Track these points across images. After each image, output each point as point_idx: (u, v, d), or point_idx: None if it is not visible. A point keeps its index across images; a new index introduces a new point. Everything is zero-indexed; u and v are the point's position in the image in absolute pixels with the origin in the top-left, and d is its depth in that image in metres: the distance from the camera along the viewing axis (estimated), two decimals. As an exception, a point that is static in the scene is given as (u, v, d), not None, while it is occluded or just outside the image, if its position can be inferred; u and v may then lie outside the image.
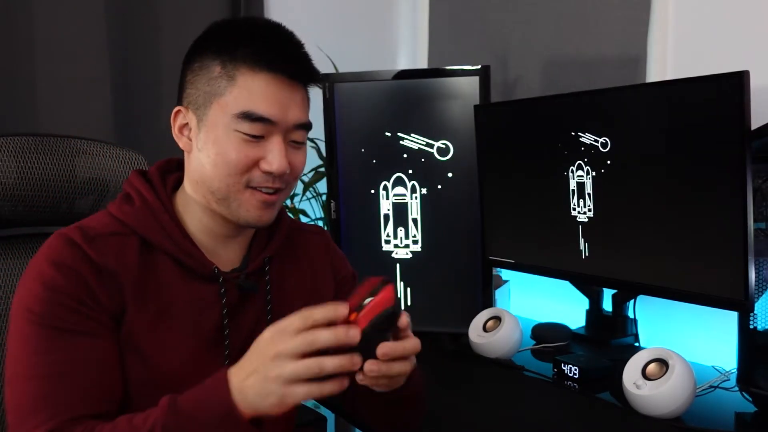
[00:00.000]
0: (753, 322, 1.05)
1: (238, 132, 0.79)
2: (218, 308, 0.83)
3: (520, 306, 1.75)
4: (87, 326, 0.75)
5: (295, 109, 0.82)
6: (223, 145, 0.79)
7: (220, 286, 0.83)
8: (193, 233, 0.85)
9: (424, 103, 1.47)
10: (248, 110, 0.78)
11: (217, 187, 0.81)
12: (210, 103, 0.80)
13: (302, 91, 0.84)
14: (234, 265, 0.87)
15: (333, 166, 1.53)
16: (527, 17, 1.77)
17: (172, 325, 0.80)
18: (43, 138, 1.07)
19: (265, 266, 0.88)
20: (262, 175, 0.80)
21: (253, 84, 0.79)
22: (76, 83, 1.53)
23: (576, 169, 1.29)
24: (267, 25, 0.84)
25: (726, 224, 1.03)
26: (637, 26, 1.51)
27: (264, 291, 0.88)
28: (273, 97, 0.79)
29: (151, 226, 0.81)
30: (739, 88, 0.99)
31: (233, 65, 0.79)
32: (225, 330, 0.83)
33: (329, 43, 1.94)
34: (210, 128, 0.80)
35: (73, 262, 0.75)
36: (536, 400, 1.13)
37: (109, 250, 0.78)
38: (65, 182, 1.08)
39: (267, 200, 0.82)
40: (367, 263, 1.52)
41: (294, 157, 0.84)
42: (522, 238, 1.43)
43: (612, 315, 1.38)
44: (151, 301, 0.79)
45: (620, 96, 1.22)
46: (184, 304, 0.81)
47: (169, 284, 0.81)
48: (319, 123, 1.54)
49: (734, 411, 1.06)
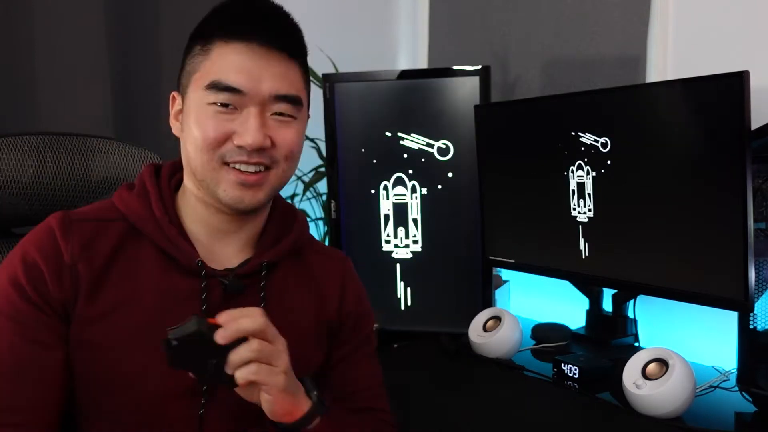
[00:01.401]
0: (753, 322, 1.05)
1: (210, 105, 0.75)
2: (195, 304, 0.77)
3: (520, 306, 1.75)
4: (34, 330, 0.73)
5: (272, 79, 0.76)
6: (199, 121, 0.76)
7: (202, 281, 0.77)
8: (191, 228, 0.81)
9: (424, 103, 1.47)
10: (215, 79, 0.74)
11: (196, 166, 0.77)
12: (190, 81, 0.78)
13: (285, 61, 0.77)
14: (232, 265, 0.81)
15: (333, 166, 1.53)
16: (527, 17, 1.77)
17: (136, 315, 0.75)
18: (60, 137, 1.07)
19: (263, 271, 0.82)
20: (235, 149, 0.75)
21: (226, 54, 0.75)
22: (76, 83, 1.53)
23: (576, 169, 1.29)
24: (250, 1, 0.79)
25: (726, 224, 1.03)
26: (637, 26, 1.51)
27: (257, 298, 0.81)
28: (242, 66, 0.75)
29: (140, 211, 0.78)
30: (739, 88, 0.99)
31: (210, 40, 0.76)
32: None
33: (329, 43, 1.94)
34: (189, 106, 0.77)
35: (38, 255, 0.73)
36: (536, 401, 1.13)
37: (79, 236, 0.75)
38: (81, 181, 1.08)
39: (246, 180, 0.76)
40: (367, 263, 1.52)
41: (277, 132, 0.77)
42: (522, 238, 1.43)
43: (612, 315, 1.38)
44: (112, 290, 0.75)
45: (620, 96, 1.22)
46: (155, 296, 0.76)
47: (144, 274, 0.77)
48: (319, 123, 1.54)
49: (734, 411, 1.06)
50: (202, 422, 0.76)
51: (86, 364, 0.74)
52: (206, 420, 0.76)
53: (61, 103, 1.52)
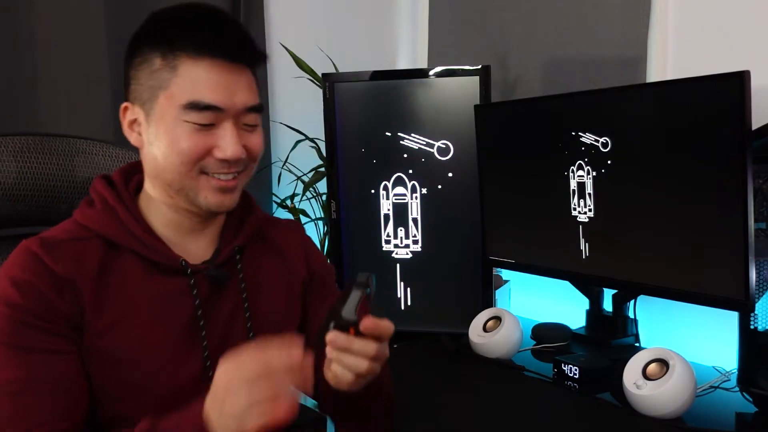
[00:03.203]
0: (753, 322, 1.05)
1: (187, 122, 0.77)
2: (190, 301, 0.82)
3: (520, 306, 1.75)
4: (47, 342, 0.74)
5: (242, 93, 0.80)
6: (174, 136, 0.78)
7: (189, 278, 0.82)
8: (159, 230, 0.84)
9: (424, 103, 1.47)
10: (194, 100, 0.76)
11: (171, 178, 0.80)
12: (156, 96, 0.79)
13: (247, 72, 0.81)
14: (204, 257, 0.86)
15: (333, 166, 1.53)
16: (527, 17, 1.77)
17: (137, 323, 0.78)
18: (43, 137, 1.07)
19: (236, 256, 0.87)
20: (216, 162, 0.79)
21: (196, 72, 0.77)
22: (76, 83, 1.53)
23: (576, 169, 1.29)
24: (202, 11, 0.80)
25: (726, 224, 1.03)
26: (637, 26, 1.51)
27: (237, 280, 0.87)
28: (217, 84, 0.77)
29: (113, 225, 0.80)
30: (739, 88, 0.99)
31: (173, 55, 0.77)
32: (200, 321, 0.82)
33: (329, 43, 1.94)
34: (159, 121, 0.79)
35: (32, 276, 0.75)
36: (536, 401, 1.13)
37: (67, 256, 0.77)
38: (65, 182, 1.08)
39: (225, 186, 0.81)
40: (367, 263, 1.52)
41: (249, 140, 0.82)
42: (522, 238, 1.43)
43: (612, 315, 1.38)
44: (112, 303, 0.78)
45: (620, 96, 1.22)
46: (151, 300, 0.80)
47: (133, 283, 0.80)
48: (319, 123, 1.54)
49: (735, 411, 1.06)
50: None
51: (100, 373, 0.77)
52: None
53: (62, 105, 1.52)
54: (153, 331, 0.79)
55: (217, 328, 0.84)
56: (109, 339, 0.77)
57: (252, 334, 0.86)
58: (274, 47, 1.89)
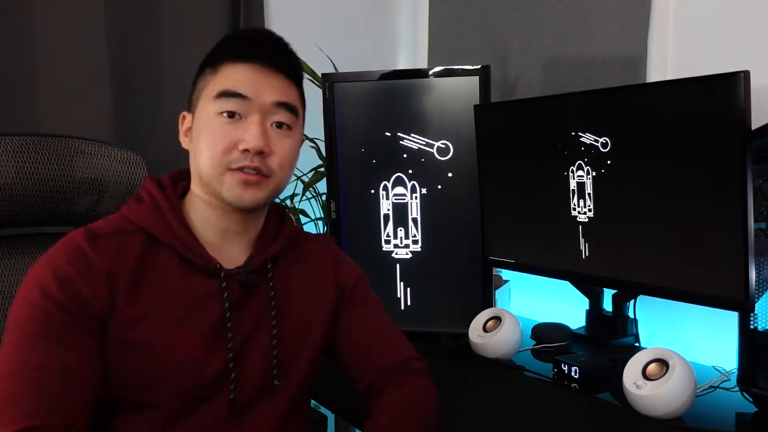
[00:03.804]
0: (753, 322, 1.05)
1: (218, 115, 0.84)
2: (220, 302, 0.86)
3: (520, 306, 1.75)
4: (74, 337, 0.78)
5: (272, 91, 0.86)
6: (207, 131, 0.84)
7: (221, 281, 0.86)
8: (200, 232, 0.89)
9: (424, 103, 1.47)
10: (223, 89, 0.84)
11: (204, 172, 0.85)
12: (199, 97, 0.87)
13: (282, 78, 0.88)
14: (239, 263, 0.90)
15: (333, 166, 1.53)
16: (527, 17, 1.77)
17: (168, 317, 0.82)
18: (42, 138, 1.07)
19: (268, 264, 0.91)
20: (240, 155, 0.83)
21: (233, 72, 0.86)
22: (76, 83, 1.53)
23: (576, 169, 1.29)
24: (251, 28, 0.91)
25: (726, 224, 1.03)
26: (637, 26, 1.51)
27: (267, 288, 0.91)
28: (248, 79, 0.85)
29: (157, 222, 0.85)
30: (739, 88, 0.99)
31: (219, 62, 0.87)
32: (227, 323, 0.86)
33: (329, 43, 1.94)
34: (198, 119, 0.87)
35: (72, 269, 0.79)
36: (536, 401, 1.13)
37: (108, 248, 0.82)
38: (63, 182, 1.08)
39: (247, 179, 0.84)
40: (367, 263, 1.51)
41: (277, 142, 0.86)
42: (522, 238, 1.43)
43: (612, 315, 1.38)
44: (146, 295, 0.82)
45: (620, 96, 1.22)
46: (183, 297, 0.84)
47: (169, 279, 0.84)
48: (319, 123, 1.54)
49: (735, 411, 1.06)
50: (233, 404, 0.85)
51: (127, 362, 0.80)
52: (236, 402, 0.85)
53: (61, 105, 1.52)
54: (182, 326, 0.83)
55: (242, 330, 0.87)
56: (139, 329, 0.80)
57: (276, 341, 0.89)
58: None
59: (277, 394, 0.89)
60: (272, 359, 0.88)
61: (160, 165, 1.66)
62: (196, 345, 0.83)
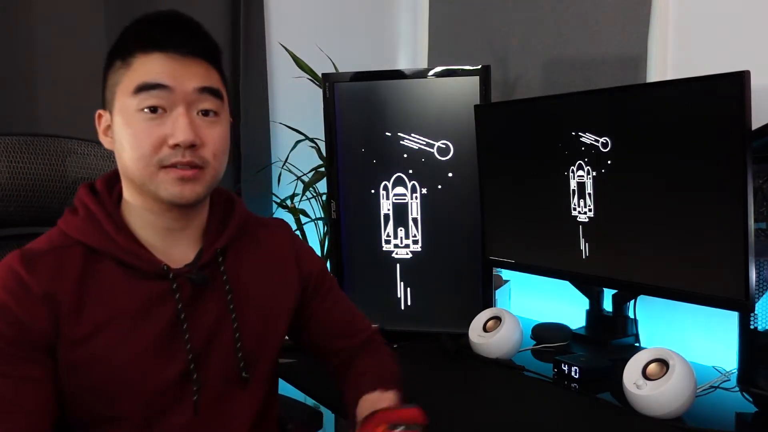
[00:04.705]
0: (753, 322, 1.05)
1: (139, 112, 0.79)
2: (172, 303, 0.83)
3: (520, 306, 1.75)
4: (19, 369, 0.75)
5: (193, 77, 0.81)
6: (131, 130, 0.80)
7: (172, 282, 0.83)
8: (141, 234, 0.85)
9: (424, 103, 1.47)
10: (141, 82, 0.79)
11: (133, 174, 0.81)
12: (114, 93, 0.82)
13: (201, 62, 0.83)
14: (188, 260, 0.87)
15: (333, 166, 1.53)
16: (527, 17, 1.77)
17: (120, 328, 0.80)
18: (34, 138, 1.06)
19: (219, 257, 0.89)
20: (170, 151, 0.79)
21: (147, 63, 0.80)
22: (76, 83, 1.53)
23: (576, 169, 1.29)
24: (157, 14, 0.84)
25: (726, 224, 1.03)
26: (637, 26, 1.51)
27: (221, 281, 0.88)
28: (165, 69, 0.80)
29: (94, 233, 0.82)
30: (739, 88, 0.99)
31: (129, 54, 0.81)
32: (183, 324, 0.83)
33: (329, 43, 1.94)
34: (118, 117, 0.81)
35: (9, 297, 0.75)
36: (536, 401, 1.13)
37: (45, 268, 0.78)
38: (56, 182, 1.07)
39: (183, 175, 0.80)
40: (367, 263, 1.52)
41: (207, 131, 0.82)
42: (522, 238, 1.43)
43: (612, 315, 1.38)
44: (92, 310, 0.79)
45: (620, 96, 1.22)
46: (132, 305, 0.81)
47: (114, 289, 0.81)
48: (319, 123, 1.54)
49: (735, 411, 1.06)
50: (196, 407, 0.83)
51: (83, 381, 0.78)
52: (204, 401, 0.84)
53: (61, 105, 1.52)
54: (135, 334, 0.80)
55: (201, 329, 0.85)
56: (90, 345, 0.78)
57: (238, 334, 0.88)
58: (274, 47, 1.90)
59: (247, 387, 0.88)
60: (237, 352, 0.87)
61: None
62: (151, 351, 0.81)
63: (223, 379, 0.86)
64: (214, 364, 0.85)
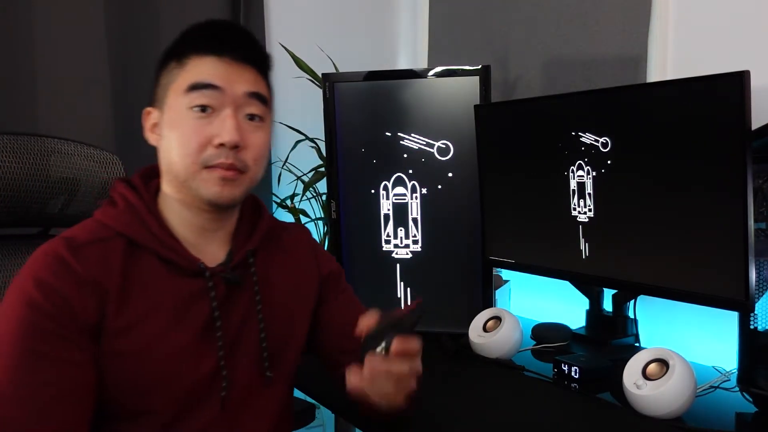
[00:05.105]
0: (753, 323, 1.05)
1: (190, 110, 0.82)
2: (207, 302, 0.85)
3: (520, 306, 1.75)
4: (62, 349, 0.76)
5: (244, 82, 0.85)
6: (179, 127, 0.83)
7: (207, 281, 0.86)
8: (177, 231, 0.87)
9: (424, 103, 1.47)
10: (194, 81, 0.82)
11: (178, 170, 0.83)
12: (167, 92, 0.85)
13: (252, 70, 0.87)
14: (218, 260, 0.90)
15: (333, 166, 1.53)
16: (527, 17, 1.77)
17: (158, 322, 0.81)
18: (17, 137, 1.05)
19: (249, 259, 0.91)
20: (215, 150, 0.82)
21: (201, 64, 0.84)
22: (76, 83, 1.53)
23: (576, 169, 1.29)
24: (214, 22, 0.88)
25: (726, 224, 1.03)
26: (637, 26, 1.51)
27: (251, 282, 0.91)
28: (218, 71, 0.83)
29: (136, 225, 0.84)
30: (739, 88, 0.99)
31: (185, 56, 0.85)
32: (217, 322, 0.85)
33: (329, 43, 1.94)
34: (168, 114, 0.85)
35: (57, 279, 0.77)
36: (536, 401, 1.13)
37: (93, 258, 0.80)
38: (38, 182, 1.06)
39: (224, 176, 0.83)
40: (367, 263, 1.52)
41: (250, 135, 0.85)
42: (522, 238, 1.43)
43: (612, 315, 1.38)
44: (135, 302, 0.81)
45: (620, 96, 1.22)
46: (171, 300, 0.83)
47: (155, 283, 0.83)
48: (319, 123, 1.54)
49: (735, 411, 1.06)
50: (225, 402, 0.86)
51: (120, 372, 0.80)
52: (230, 399, 0.86)
53: (61, 106, 1.52)
54: (173, 330, 0.82)
55: (231, 327, 0.87)
56: (131, 338, 0.80)
57: (264, 334, 0.90)
58: (274, 47, 1.90)
59: (270, 385, 0.91)
60: (263, 352, 0.89)
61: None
62: (187, 347, 0.83)
63: (248, 377, 0.88)
64: (241, 363, 0.88)
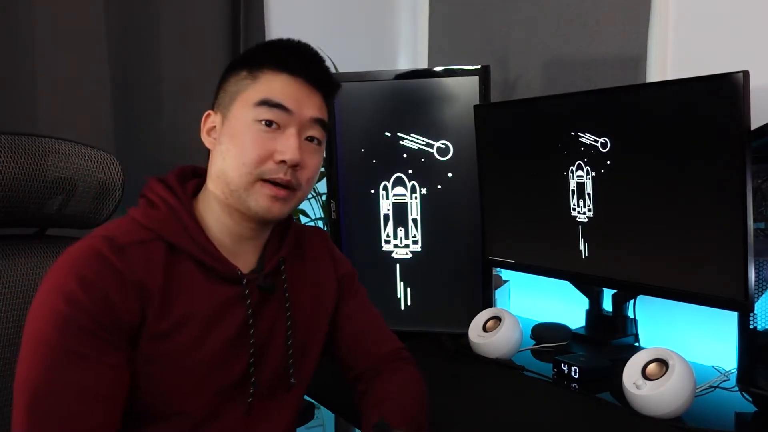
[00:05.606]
0: (753, 322, 1.05)
1: (256, 122, 0.84)
2: (243, 308, 0.87)
3: (520, 306, 1.75)
4: (99, 351, 0.75)
5: (312, 106, 0.87)
6: (242, 137, 0.84)
7: (244, 288, 0.87)
8: (215, 236, 0.88)
9: (424, 103, 1.47)
10: (266, 97, 0.84)
11: (232, 178, 0.84)
12: (234, 100, 0.86)
13: (319, 95, 0.89)
14: (251, 265, 0.91)
15: (333, 166, 1.53)
16: (527, 17, 1.77)
17: (197, 326, 0.82)
18: (14, 137, 1.04)
19: (280, 266, 0.93)
20: (275, 166, 0.84)
21: (274, 81, 0.86)
22: (76, 83, 1.53)
23: (576, 169, 1.29)
24: (291, 41, 0.90)
25: (726, 224, 1.03)
26: (637, 26, 1.51)
27: (281, 289, 0.92)
28: (290, 92, 0.85)
29: (178, 230, 0.84)
30: (739, 88, 0.99)
31: (258, 68, 0.86)
32: (251, 329, 0.87)
33: (329, 43, 1.93)
34: (231, 122, 0.86)
35: (99, 278, 0.76)
36: (536, 400, 1.13)
37: (137, 259, 0.79)
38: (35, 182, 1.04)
39: (277, 194, 0.85)
40: (367, 263, 1.52)
41: (308, 156, 0.87)
42: (522, 238, 1.43)
43: (612, 315, 1.38)
44: (176, 305, 0.81)
45: (620, 96, 1.22)
46: (209, 306, 0.84)
47: (193, 288, 0.83)
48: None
49: (734, 411, 1.06)
50: (251, 406, 0.87)
51: (155, 375, 0.80)
52: (253, 405, 0.88)
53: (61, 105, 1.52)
54: (210, 335, 0.83)
55: (262, 331, 0.89)
56: (169, 342, 0.80)
57: (291, 341, 0.92)
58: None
59: (291, 389, 0.93)
60: (289, 359, 0.91)
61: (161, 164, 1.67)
62: (222, 351, 0.84)
63: (273, 381, 0.90)
64: (267, 368, 0.89)
